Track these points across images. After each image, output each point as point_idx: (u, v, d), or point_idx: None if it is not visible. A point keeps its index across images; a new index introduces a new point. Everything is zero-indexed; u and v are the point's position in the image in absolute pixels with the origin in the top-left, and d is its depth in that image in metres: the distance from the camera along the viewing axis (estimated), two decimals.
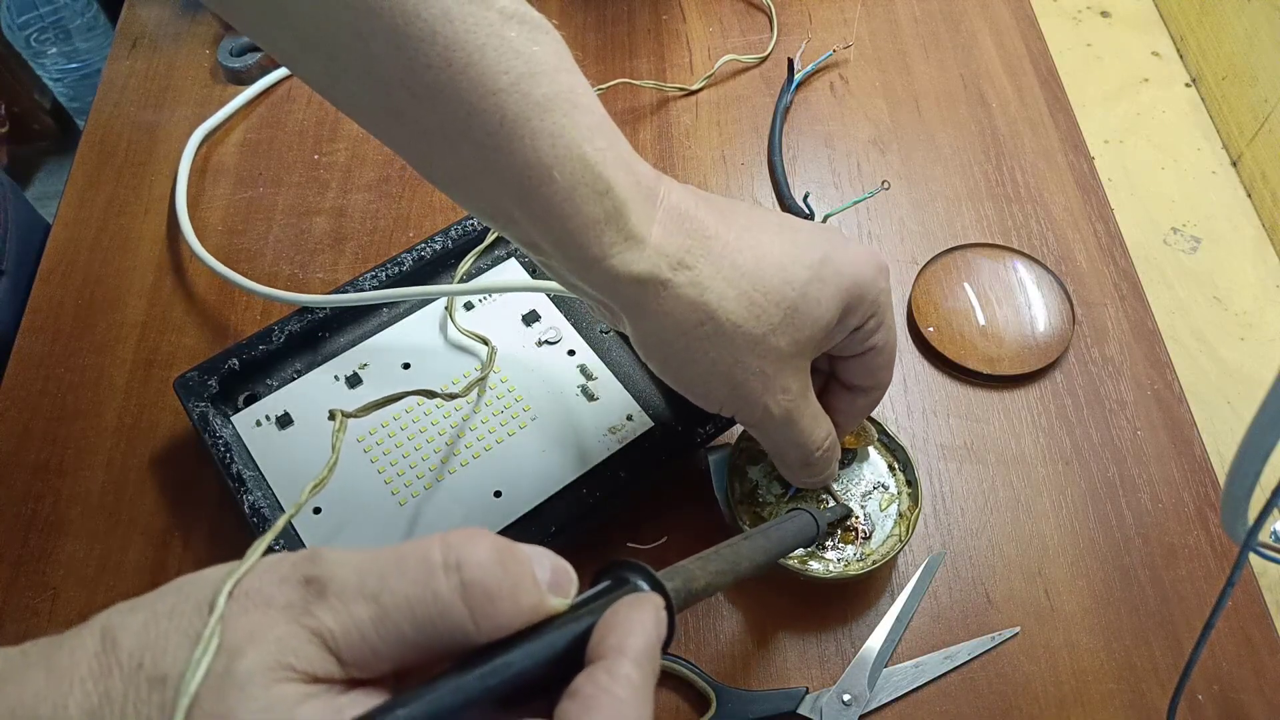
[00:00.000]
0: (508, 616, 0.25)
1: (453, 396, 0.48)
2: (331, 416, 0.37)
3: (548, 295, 0.55)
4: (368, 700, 0.24)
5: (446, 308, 0.54)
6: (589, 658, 0.25)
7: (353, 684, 0.24)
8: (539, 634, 0.25)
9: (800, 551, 0.46)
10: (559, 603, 0.26)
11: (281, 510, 0.48)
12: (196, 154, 0.65)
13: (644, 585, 0.28)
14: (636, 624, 0.26)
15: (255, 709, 0.22)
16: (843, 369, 0.44)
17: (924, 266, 0.59)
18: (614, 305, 0.38)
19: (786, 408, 0.40)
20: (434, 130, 0.35)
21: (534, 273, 0.56)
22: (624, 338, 0.54)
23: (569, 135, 0.35)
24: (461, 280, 0.55)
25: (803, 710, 0.45)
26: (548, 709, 0.24)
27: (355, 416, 0.40)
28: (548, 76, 0.34)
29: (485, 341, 0.52)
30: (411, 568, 0.24)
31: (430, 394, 0.47)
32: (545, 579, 0.26)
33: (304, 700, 0.23)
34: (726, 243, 0.38)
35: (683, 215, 0.38)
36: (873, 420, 0.49)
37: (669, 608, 0.28)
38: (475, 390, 0.51)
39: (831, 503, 0.48)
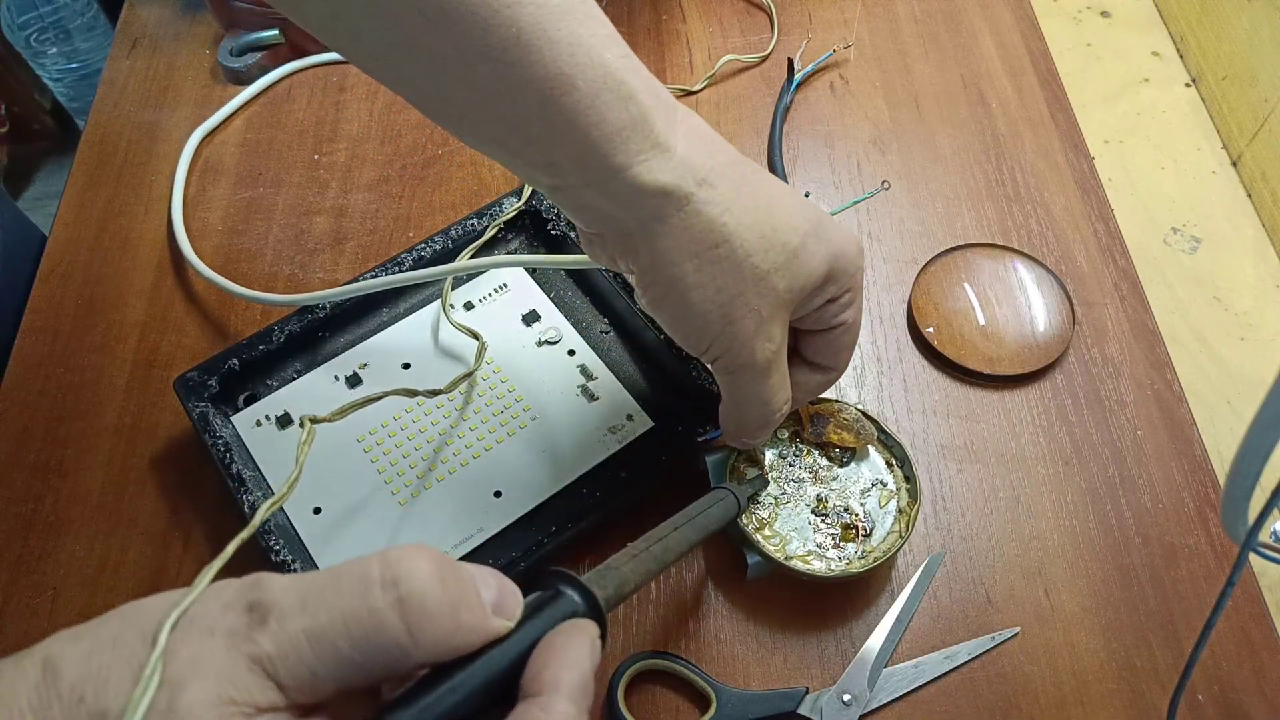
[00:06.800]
0: (446, 633, 0.24)
1: (434, 393, 0.47)
2: (301, 424, 0.37)
3: (546, 295, 0.55)
4: None
5: (442, 304, 0.54)
6: (523, 692, 0.25)
7: (297, 712, 0.24)
8: (477, 660, 0.25)
9: (802, 550, 0.46)
10: (503, 624, 0.26)
11: (281, 510, 0.48)
12: (196, 155, 0.65)
13: (577, 597, 0.28)
14: (572, 657, 0.26)
15: None
16: (807, 344, 0.44)
17: (924, 266, 0.59)
18: (631, 223, 0.38)
19: (769, 357, 0.40)
20: (448, 56, 0.34)
21: (532, 273, 0.56)
22: (623, 337, 0.54)
23: (587, 42, 0.34)
24: (457, 278, 0.55)
25: (803, 710, 0.45)
26: None
27: (326, 421, 0.40)
28: None
29: (476, 336, 0.52)
30: (348, 584, 0.24)
31: (411, 393, 0.46)
32: (490, 599, 0.26)
33: None
34: (744, 174, 0.38)
35: (704, 136, 0.38)
36: (871, 419, 0.49)
37: (602, 629, 0.28)
38: (463, 387, 0.51)
39: (751, 475, 0.48)
